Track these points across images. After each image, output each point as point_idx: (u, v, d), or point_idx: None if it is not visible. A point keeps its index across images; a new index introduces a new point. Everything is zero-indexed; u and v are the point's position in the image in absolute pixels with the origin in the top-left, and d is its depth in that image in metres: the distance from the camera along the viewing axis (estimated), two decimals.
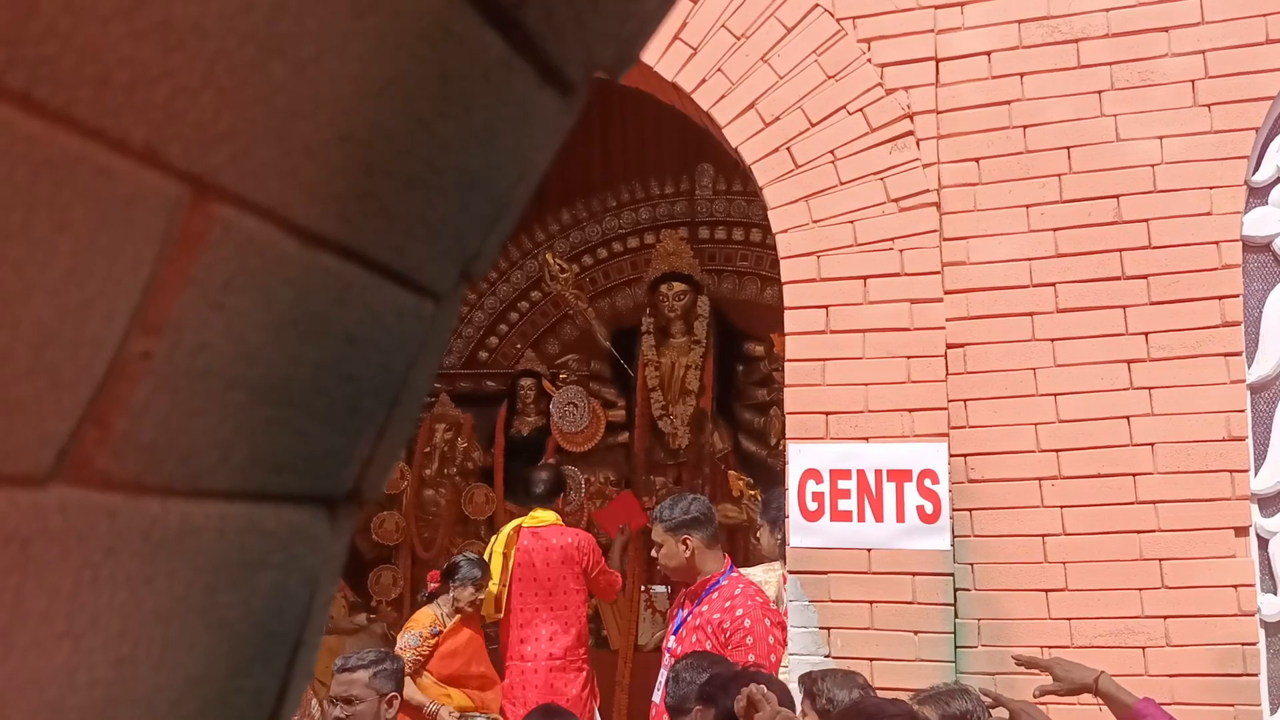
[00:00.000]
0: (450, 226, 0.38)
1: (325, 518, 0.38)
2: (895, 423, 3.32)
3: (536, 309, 6.89)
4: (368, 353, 0.37)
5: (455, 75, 0.34)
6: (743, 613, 3.37)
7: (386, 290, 0.37)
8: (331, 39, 0.30)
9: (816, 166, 3.48)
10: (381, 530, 6.56)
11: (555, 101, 0.39)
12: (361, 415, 0.38)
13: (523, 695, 4.41)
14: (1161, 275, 3.18)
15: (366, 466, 0.40)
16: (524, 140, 0.39)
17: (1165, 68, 3.24)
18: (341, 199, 0.33)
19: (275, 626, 0.36)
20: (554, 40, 0.36)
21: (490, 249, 0.41)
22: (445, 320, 0.41)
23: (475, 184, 0.38)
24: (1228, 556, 3.05)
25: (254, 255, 0.31)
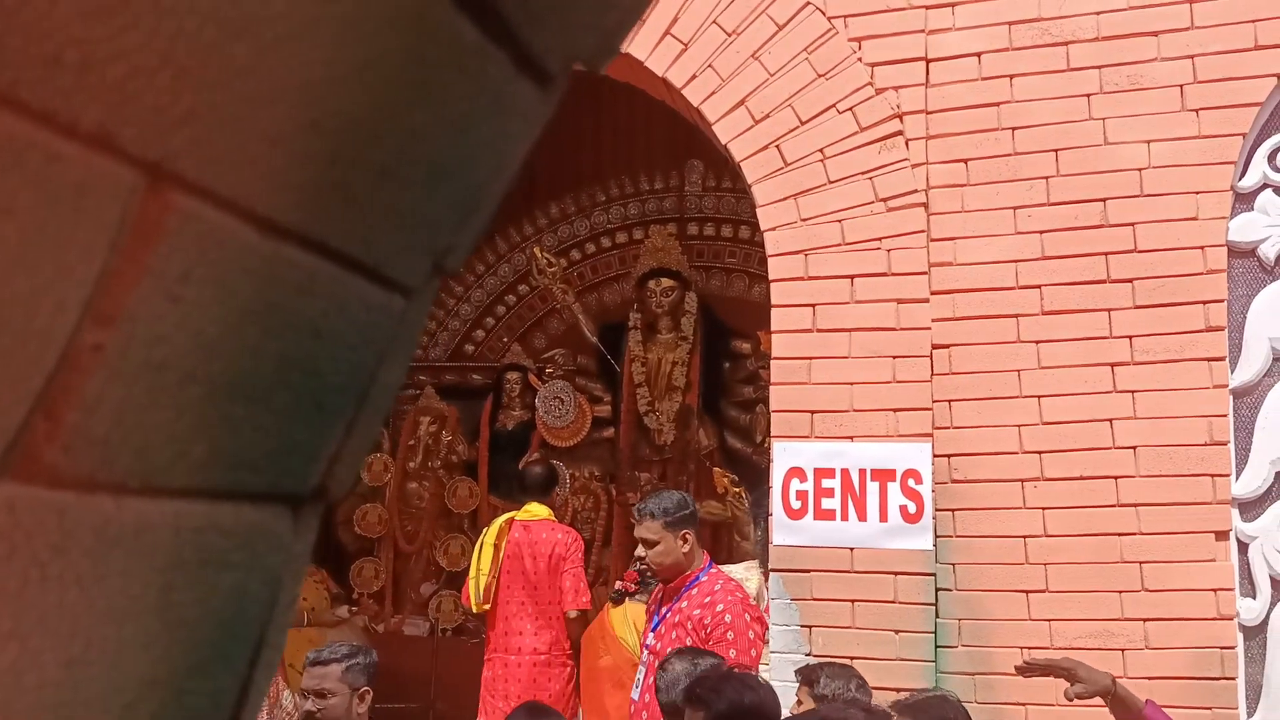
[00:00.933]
0: (422, 218, 0.37)
1: (289, 516, 0.37)
2: (880, 422, 3.32)
3: (523, 303, 6.87)
4: (335, 347, 0.36)
5: (428, 63, 0.33)
6: (723, 608, 3.37)
7: (354, 283, 0.36)
8: (298, 22, 0.29)
9: (805, 165, 3.47)
10: (364, 523, 6.54)
11: (532, 92, 0.38)
12: (328, 411, 0.37)
13: (504, 689, 4.40)
14: (1147, 279, 3.19)
15: (333, 464, 0.39)
16: (500, 131, 0.38)
17: (1154, 72, 3.25)
18: (307, 189, 0.32)
19: (235, 626, 0.36)
20: (531, 29, 0.35)
21: (464, 242, 0.40)
22: (417, 314, 0.40)
23: (449, 175, 0.37)
24: (1208, 560, 3.06)
25: (213, 246, 0.30)
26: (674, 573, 3.36)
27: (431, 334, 6.97)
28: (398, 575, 6.52)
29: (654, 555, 3.35)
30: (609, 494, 6.24)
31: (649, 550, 3.36)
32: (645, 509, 3.39)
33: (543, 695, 4.27)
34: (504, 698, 4.26)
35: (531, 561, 4.38)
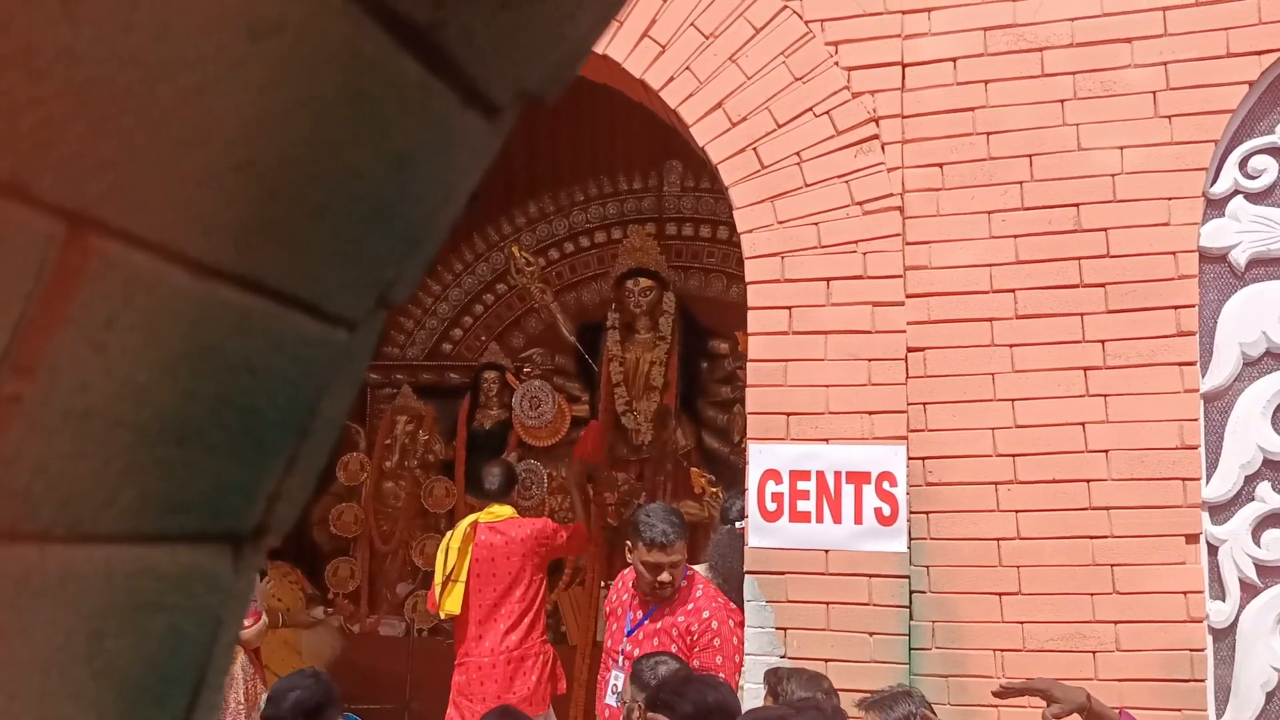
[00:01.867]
0: (364, 253, 0.36)
1: (228, 556, 0.37)
2: (855, 425, 3.33)
3: (502, 302, 6.85)
4: (272, 384, 0.35)
5: (368, 100, 0.33)
6: (709, 614, 3.38)
7: (293, 319, 0.35)
8: (224, 64, 0.29)
9: (782, 167, 3.47)
10: (340, 522, 6.50)
11: (480, 124, 0.37)
12: (267, 448, 0.36)
13: (480, 690, 4.39)
14: (1119, 284, 3.22)
15: (274, 501, 0.38)
16: (446, 164, 0.37)
17: (1127, 78, 3.27)
18: (241, 229, 0.31)
19: (171, 670, 0.35)
20: (476, 63, 0.35)
21: (410, 274, 0.39)
22: (362, 346, 0.39)
23: (392, 210, 0.36)
24: (1178, 563, 3.09)
25: (140, 291, 0.30)
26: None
27: (409, 333, 6.94)
28: (373, 575, 6.49)
29: (679, 574, 3.39)
30: (586, 493, 6.22)
31: (676, 570, 3.37)
32: (674, 534, 3.38)
33: (521, 690, 4.27)
34: (481, 700, 4.25)
35: (505, 560, 4.38)
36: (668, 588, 3.38)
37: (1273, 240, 3.16)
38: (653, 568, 3.37)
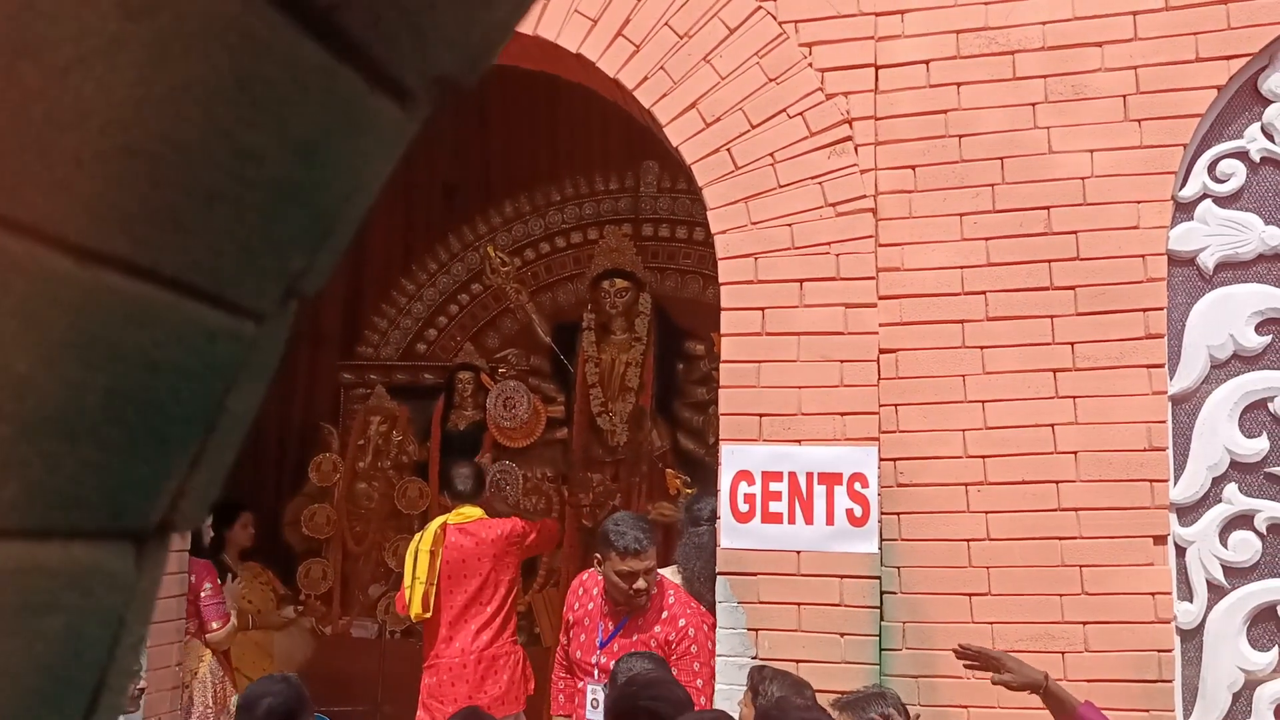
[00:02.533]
0: (268, 243, 0.35)
1: (130, 553, 0.36)
2: (827, 426, 3.33)
3: (476, 302, 6.82)
4: (173, 378, 0.34)
5: (262, 83, 0.32)
6: (685, 623, 3.37)
7: (193, 310, 0.34)
8: (96, 43, 0.27)
9: (756, 169, 3.48)
10: (312, 523, 6.45)
11: (392, 111, 0.36)
12: (170, 444, 0.35)
13: (451, 692, 4.36)
14: (1089, 287, 3.23)
15: (179, 498, 0.37)
16: (355, 151, 0.36)
17: (1098, 82, 3.29)
18: (129, 215, 0.30)
19: (68, 672, 0.34)
20: (383, 47, 0.34)
21: (322, 264, 0.38)
22: (272, 340, 0.38)
23: (296, 197, 0.35)
24: (1146, 564, 3.11)
25: (17, 277, 0.29)
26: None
27: (383, 333, 6.90)
28: (346, 576, 6.44)
29: (652, 579, 3.37)
30: (561, 495, 6.21)
31: (649, 578, 3.35)
32: (645, 539, 3.35)
33: (492, 690, 4.25)
34: (452, 701, 4.22)
35: (476, 561, 4.36)
36: (643, 595, 3.35)
37: (1240, 244, 3.19)
38: (627, 576, 3.35)
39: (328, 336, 7.16)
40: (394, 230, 7.24)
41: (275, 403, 7.10)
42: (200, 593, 4.32)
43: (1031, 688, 2.51)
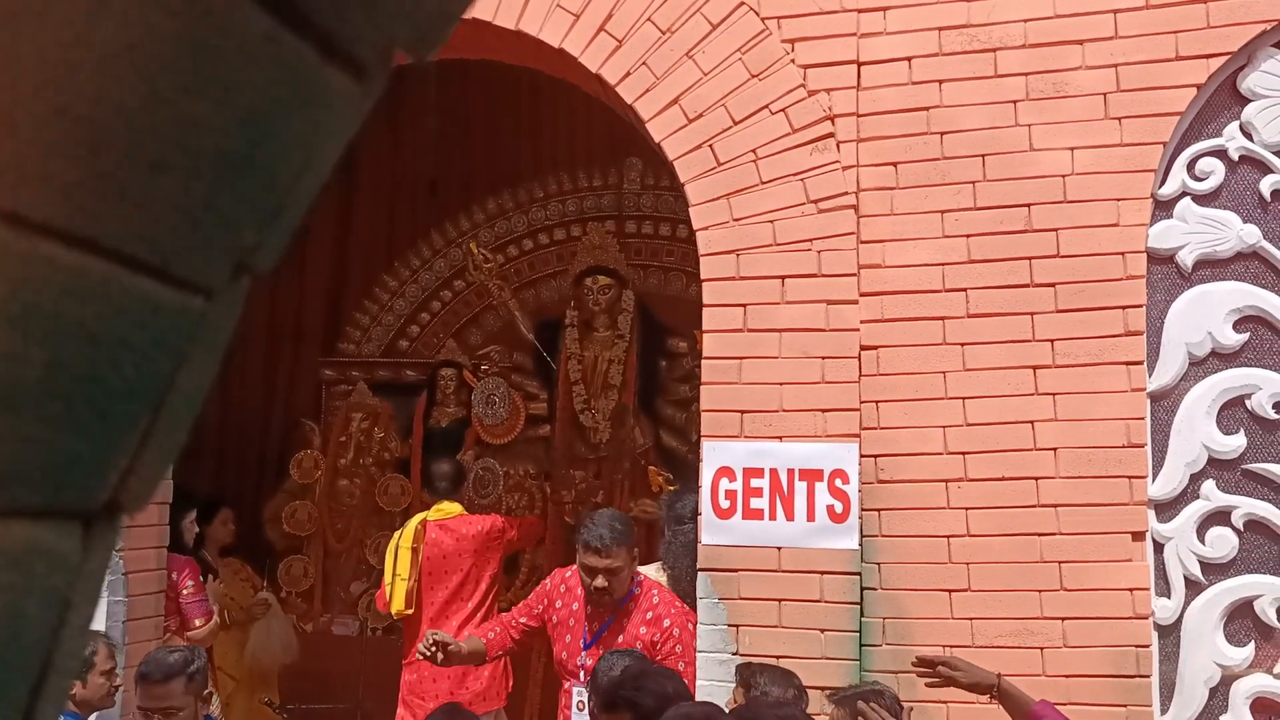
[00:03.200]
0: (216, 215, 0.34)
1: (76, 533, 0.35)
2: (808, 422, 3.33)
3: (459, 299, 6.79)
4: (117, 351, 0.33)
5: (205, 50, 0.31)
6: (670, 622, 3.36)
7: (138, 284, 0.33)
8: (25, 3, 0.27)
9: (738, 165, 3.47)
10: (293, 520, 6.42)
11: (346, 83, 0.35)
12: (114, 420, 0.35)
13: (433, 688, 4.35)
14: (1068, 284, 3.25)
15: (127, 477, 0.36)
16: (306, 124, 0.36)
17: (1078, 80, 3.30)
18: (66, 182, 0.30)
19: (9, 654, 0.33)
20: (333, 17, 0.33)
21: (274, 240, 0.37)
22: (222, 316, 0.37)
23: (245, 169, 0.34)
24: (1124, 560, 3.13)
25: None
26: (623, 592, 3.35)
27: (365, 329, 6.87)
28: (327, 574, 6.41)
29: (619, 580, 3.32)
30: (544, 492, 6.20)
31: (613, 577, 3.31)
32: (609, 539, 3.31)
33: (474, 686, 4.25)
34: (433, 697, 4.21)
35: (457, 557, 4.35)
36: (604, 594, 3.32)
37: (1219, 242, 3.21)
38: (589, 571, 3.33)
39: (309, 333, 7.12)
40: (376, 226, 7.21)
41: (257, 399, 7.06)
42: (182, 590, 4.29)
43: (982, 689, 2.55)
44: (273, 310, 7.19)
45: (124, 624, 3.73)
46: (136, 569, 3.85)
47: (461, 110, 7.06)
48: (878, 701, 2.53)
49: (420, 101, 7.00)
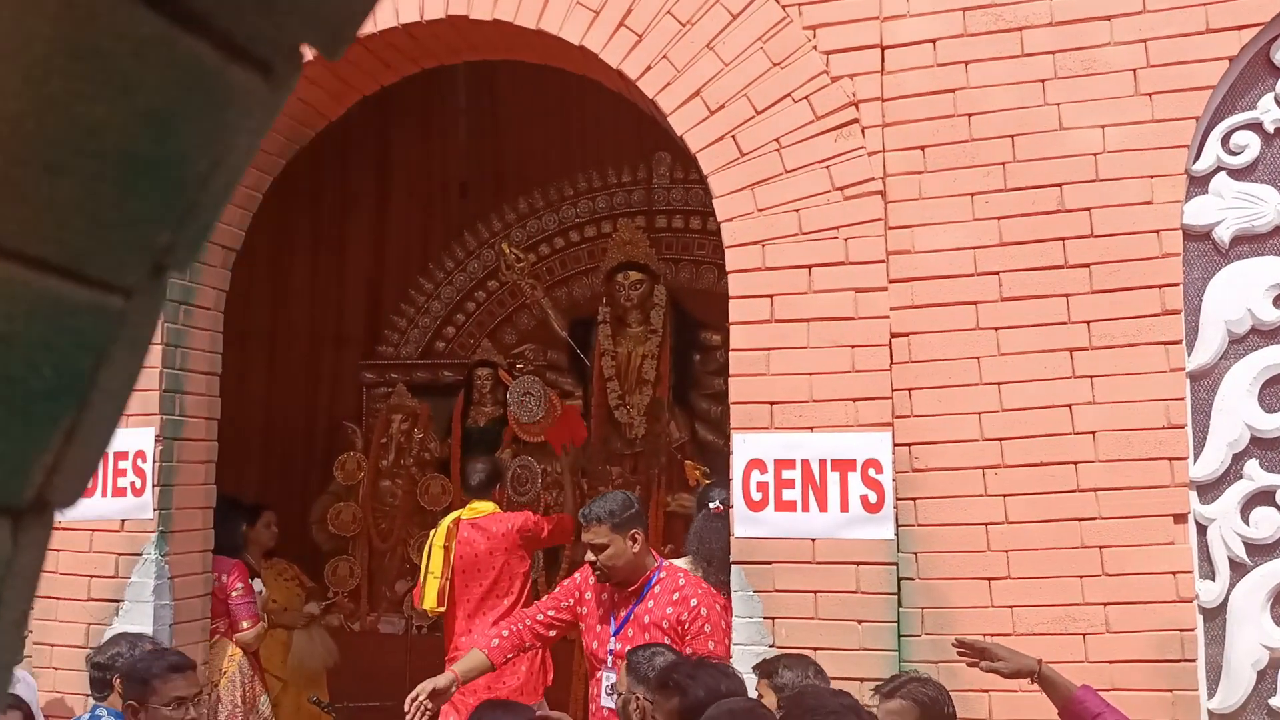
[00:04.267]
0: (125, 216, 0.35)
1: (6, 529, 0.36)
2: (839, 412, 3.31)
3: (493, 299, 6.84)
4: (30, 352, 0.34)
5: (93, 53, 0.31)
6: (697, 602, 3.36)
7: (46, 285, 0.34)
8: None
9: (762, 154, 3.46)
10: (338, 521, 6.51)
11: (252, 82, 0.36)
12: (35, 419, 0.35)
13: (472, 684, 4.38)
14: (1103, 264, 3.19)
15: (53, 473, 0.37)
16: (214, 123, 0.36)
17: (1107, 56, 3.24)
18: None
19: None
20: (230, 17, 0.33)
21: (190, 238, 0.38)
22: (143, 315, 0.38)
23: (152, 170, 0.35)
24: (1167, 543, 3.07)
25: None
26: (628, 574, 3.34)
27: (402, 331, 6.94)
28: (372, 573, 6.49)
29: (605, 558, 3.32)
30: (581, 488, 6.22)
31: (599, 554, 3.33)
32: (591, 513, 3.36)
33: (511, 682, 4.27)
34: (472, 692, 4.24)
35: (489, 555, 4.37)
36: (597, 571, 3.35)
37: (1256, 217, 3.14)
38: (584, 547, 3.39)
39: (349, 337, 7.21)
40: (410, 230, 7.28)
41: (300, 403, 7.16)
42: (231, 592, 4.36)
43: (1024, 674, 2.52)
44: (313, 316, 7.29)
45: (170, 627, 3.80)
46: (182, 573, 3.92)
47: (491, 112, 7.10)
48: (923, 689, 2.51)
49: (450, 104, 7.05)
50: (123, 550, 3.85)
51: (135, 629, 3.56)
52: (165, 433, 3.89)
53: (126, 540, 3.85)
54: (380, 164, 7.23)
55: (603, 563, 3.33)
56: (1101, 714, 2.38)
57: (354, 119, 5.86)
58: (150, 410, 3.87)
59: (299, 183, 6.87)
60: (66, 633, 3.86)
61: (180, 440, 3.95)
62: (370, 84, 4.20)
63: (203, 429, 4.06)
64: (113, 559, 3.85)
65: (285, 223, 7.08)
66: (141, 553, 3.83)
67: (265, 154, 4.16)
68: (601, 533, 3.31)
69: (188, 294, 4.02)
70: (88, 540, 3.89)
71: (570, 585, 3.54)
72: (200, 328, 4.09)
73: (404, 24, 3.79)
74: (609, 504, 3.36)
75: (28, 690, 3.47)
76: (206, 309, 4.13)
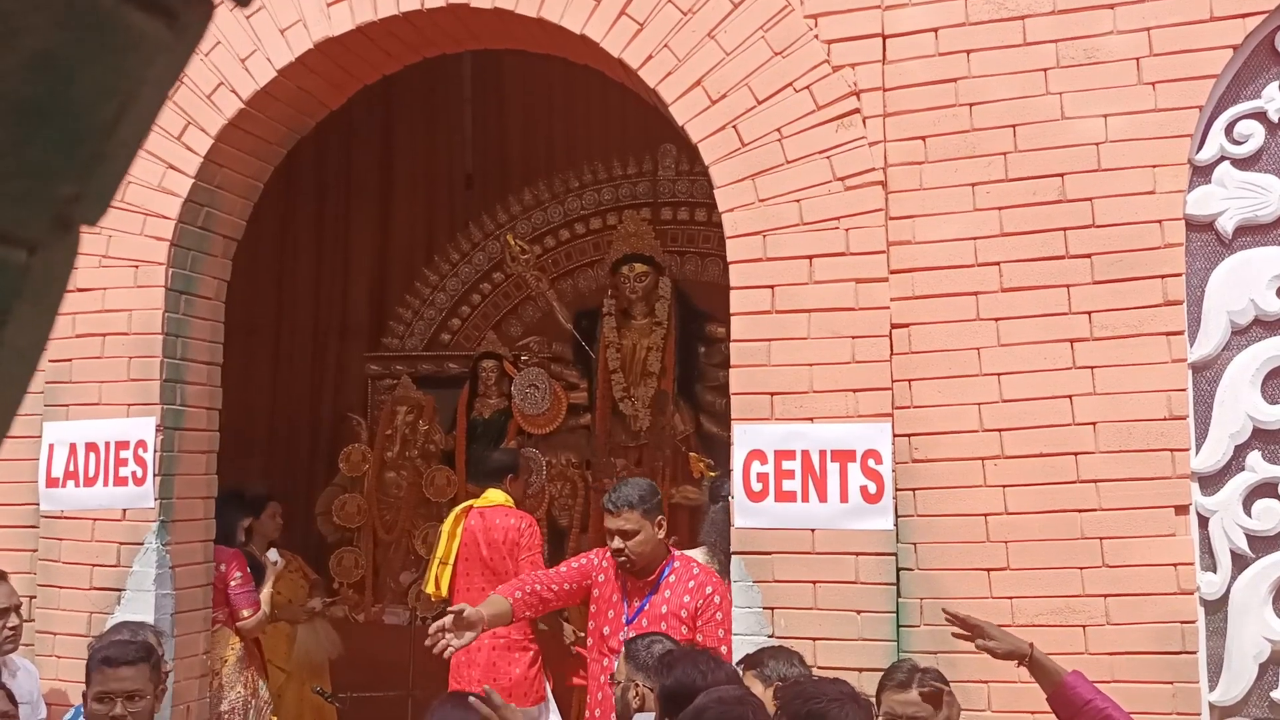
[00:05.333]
0: (22, 165, 0.34)
1: None
2: (839, 403, 3.30)
3: (498, 291, 6.84)
4: None
5: None
6: (712, 590, 3.36)
7: None
8: None
9: (763, 144, 3.44)
10: (343, 513, 6.52)
11: (153, 27, 0.35)
12: None
13: (467, 674, 4.38)
14: (1105, 254, 3.17)
15: None
16: (112, 70, 0.35)
17: (1110, 45, 3.22)
18: None
19: None
20: None
21: (97, 189, 0.37)
22: (50, 269, 0.37)
23: (49, 117, 0.34)
24: (1168, 535, 3.05)
25: None
26: (649, 562, 3.33)
27: (407, 323, 6.95)
28: (377, 564, 6.51)
29: (635, 545, 3.30)
30: (585, 480, 6.22)
31: (629, 540, 3.29)
32: (621, 499, 3.32)
33: (503, 679, 4.27)
34: (468, 683, 4.25)
35: (488, 548, 4.37)
36: (621, 558, 3.32)
37: (1260, 206, 3.11)
38: (607, 534, 3.35)
39: (354, 329, 7.22)
40: (415, 221, 7.28)
41: (305, 395, 7.18)
42: (230, 581, 4.37)
43: (1015, 656, 2.52)
44: (318, 308, 7.30)
45: (172, 616, 3.82)
46: (184, 563, 3.93)
47: (496, 103, 7.10)
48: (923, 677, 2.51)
49: (454, 95, 7.04)
50: (124, 539, 3.86)
51: (137, 618, 3.57)
52: (166, 422, 3.89)
53: (128, 529, 3.86)
54: (385, 155, 7.23)
55: (632, 549, 3.30)
56: (1091, 700, 2.38)
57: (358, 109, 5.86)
58: (151, 400, 3.88)
59: (303, 173, 6.88)
60: (68, 621, 3.87)
61: (181, 430, 3.96)
62: (371, 73, 4.20)
63: (204, 419, 4.07)
64: (114, 548, 3.86)
65: (289, 214, 7.10)
66: (143, 542, 3.84)
67: (266, 143, 4.16)
68: (633, 519, 3.28)
69: (189, 283, 4.03)
70: (89, 529, 3.90)
71: (588, 564, 3.51)
72: (201, 317, 4.09)
73: (404, 12, 3.79)
74: (637, 489, 3.35)
75: (29, 678, 3.48)
76: (208, 299, 4.13)
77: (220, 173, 4.05)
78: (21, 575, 3.80)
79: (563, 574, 3.51)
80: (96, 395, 3.92)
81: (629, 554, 3.31)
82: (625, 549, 3.31)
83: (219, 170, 4.04)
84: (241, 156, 4.10)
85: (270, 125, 4.10)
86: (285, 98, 4.02)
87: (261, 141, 4.14)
